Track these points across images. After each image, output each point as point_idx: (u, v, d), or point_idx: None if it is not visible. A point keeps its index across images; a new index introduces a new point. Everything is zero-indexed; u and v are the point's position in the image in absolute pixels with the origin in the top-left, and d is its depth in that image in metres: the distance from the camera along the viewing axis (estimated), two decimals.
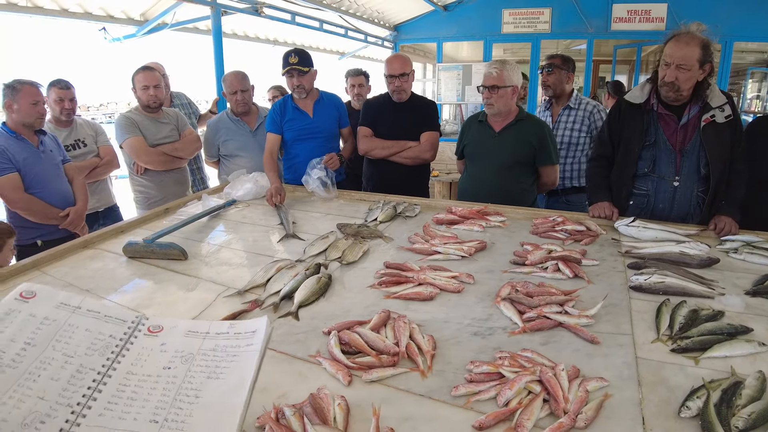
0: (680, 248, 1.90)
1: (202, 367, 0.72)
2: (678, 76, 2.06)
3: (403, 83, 2.95)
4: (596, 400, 1.07)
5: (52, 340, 0.75)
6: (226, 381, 0.70)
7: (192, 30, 5.43)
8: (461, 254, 1.89)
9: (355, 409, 1.05)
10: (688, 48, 2.04)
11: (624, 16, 6.44)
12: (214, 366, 0.73)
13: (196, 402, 0.67)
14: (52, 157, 2.81)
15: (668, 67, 2.07)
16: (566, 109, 3.28)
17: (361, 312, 1.50)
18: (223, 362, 0.73)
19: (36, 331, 0.75)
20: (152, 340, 0.79)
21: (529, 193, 2.74)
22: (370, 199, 2.80)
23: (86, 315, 0.80)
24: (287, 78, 3.01)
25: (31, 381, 0.69)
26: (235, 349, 0.75)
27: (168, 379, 0.71)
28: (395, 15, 7.63)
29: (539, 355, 1.22)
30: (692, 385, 1.13)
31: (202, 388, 0.69)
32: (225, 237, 2.30)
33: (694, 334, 1.35)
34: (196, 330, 0.80)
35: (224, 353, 0.75)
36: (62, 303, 0.80)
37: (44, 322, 0.77)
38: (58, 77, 3.03)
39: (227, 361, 0.73)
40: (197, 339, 0.78)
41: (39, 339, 0.74)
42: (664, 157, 2.23)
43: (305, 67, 2.95)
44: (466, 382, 1.14)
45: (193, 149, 3.35)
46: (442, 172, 6.40)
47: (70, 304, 0.80)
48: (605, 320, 1.43)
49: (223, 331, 0.79)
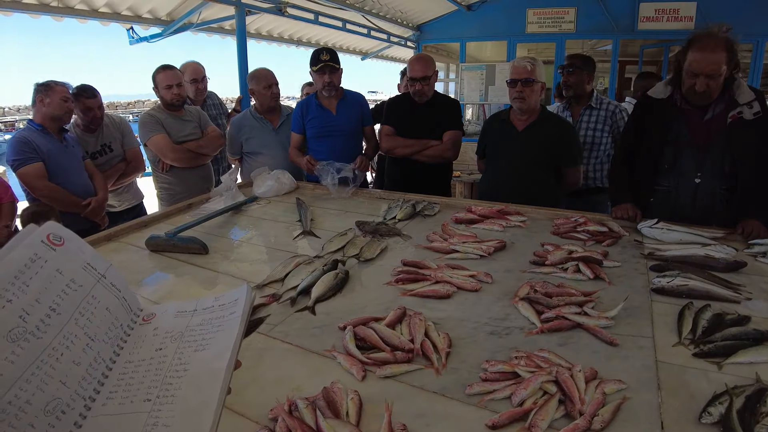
0: (705, 251, 1.85)
1: (190, 342, 0.71)
2: (709, 84, 2.01)
3: (424, 86, 2.95)
4: (613, 403, 1.04)
5: (76, 312, 0.67)
6: (211, 350, 0.68)
7: (217, 30, 5.53)
8: (480, 253, 1.88)
9: (367, 404, 1.06)
10: (715, 55, 1.98)
11: (651, 15, 6.30)
12: (201, 339, 0.71)
13: (184, 375, 0.66)
14: (74, 152, 2.92)
15: (697, 77, 2.02)
16: (587, 108, 3.23)
17: (377, 308, 1.50)
18: (209, 334, 0.71)
19: (62, 296, 0.66)
20: (146, 328, 0.76)
21: (551, 194, 2.70)
22: (390, 197, 2.80)
23: (109, 289, 0.73)
24: (318, 75, 3.05)
25: (54, 359, 0.63)
26: (219, 320, 0.73)
27: (159, 359, 0.70)
28: (418, 15, 7.62)
29: (556, 356, 1.21)
30: (714, 390, 1.09)
31: (189, 361, 0.68)
32: (245, 232, 2.33)
33: (717, 339, 1.31)
34: (184, 309, 0.77)
35: (210, 325, 0.72)
36: (88, 264, 0.71)
37: (70, 285, 0.68)
38: (83, 84, 3.07)
39: (213, 332, 0.71)
40: (185, 317, 0.76)
41: (64, 306, 0.66)
42: (686, 153, 2.18)
43: (336, 63, 3.02)
44: (481, 380, 1.13)
45: (216, 146, 3.41)
46: (464, 172, 6.37)
47: (97, 269, 0.72)
48: (625, 323, 1.40)
49: (209, 306, 0.76)
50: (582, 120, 3.22)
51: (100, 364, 0.67)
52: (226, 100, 4.60)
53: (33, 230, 0.68)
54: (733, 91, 2.10)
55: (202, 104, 3.90)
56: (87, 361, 0.66)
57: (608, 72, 7.22)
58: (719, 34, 1.99)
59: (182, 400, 0.63)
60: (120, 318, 0.74)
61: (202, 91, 3.91)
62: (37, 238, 0.67)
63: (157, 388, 0.65)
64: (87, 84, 3.09)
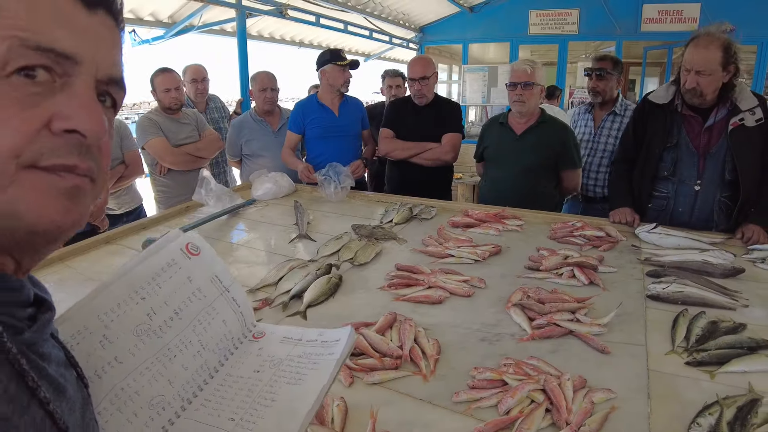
0: (703, 257, 1.83)
1: (286, 372, 0.73)
2: (699, 82, 1.99)
3: (423, 87, 2.95)
4: (601, 412, 1.03)
5: (195, 320, 0.72)
6: (301, 387, 0.70)
7: (219, 32, 5.55)
8: (474, 258, 1.87)
9: (354, 410, 1.05)
10: (708, 52, 1.97)
11: (655, 17, 6.27)
12: (296, 372, 0.73)
13: (271, 405, 0.68)
14: None
15: (689, 72, 2.00)
16: (611, 114, 3.11)
17: (370, 313, 1.50)
18: (305, 368, 0.73)
19: (187, 302, 0.71)
20: (253, 346, 0.79)
21: (551, 197, 2.69)
22: (387, 200, 2.80)
23: (230, 303, 0.78)
24: (340, 70, 3.08)
25: (167, 360, 0.68)
26: (318, 357, 0.74)
27: (254, 381, 0.72)
28: (420, 16, 7.62)
29: (546, 364, 1.20)
30: (705, 400, 1.08)
31: (279, 392, 0.70)
32: (242, 235, 2.33)
33: (711, 347, 1.29)
34: (290, 336, 0.80)
35: (308, 360, 0.74)
36: (216, 277, 0.76)
37: (196, 294, 0.73)
38: None
39: (308, 368, 0.73)
40: (289, 345, 0.78)
41: (186, 313, 0.71)
42: (685, 160, 2.16)
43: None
44: (468, 388, 1.12)
45: (214, 149, 3.41)
46: (466, 174, 6.34)
47: (222, 283, 0.77)
48: (618, 329, 1.39)
49: (313, 339, 0.78)
50: (604, 126, 3.13)
51: (204, 372, 0.72)
52: (230, 103, 4.61)
53: (176, 237, 0.73)
54: (736, 97, 2.08)
55: (205, 107, 3.91)
56: (194, 366, 0.70)
57: None
58: (717, 33, 1.97)
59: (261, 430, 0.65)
60: (233, 332, 0.78)
61: (203, 92, 3.91)
62: (177, 246, 0.72)
63: (243, 410, 0.68)
64: None
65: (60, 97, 0.41)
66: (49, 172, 0.40)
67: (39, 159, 0.40)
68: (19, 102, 0.39)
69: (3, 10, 0.37)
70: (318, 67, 3.13)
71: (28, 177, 0.39)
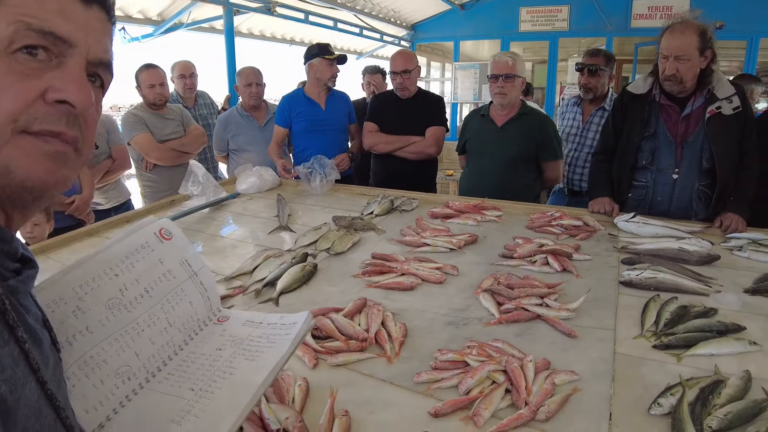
0: (679, 244, 1.84)
1: (246, 350, 0.78)
2: (678, 68, 2.00)
3: (405, 80, 2.95)
4: (562, 394, 1.03)
5: (164, 299, 0.77)
6: (257, 362, 0.75)
7: (208, 30, 5.54)
8: (450, 246, 1.87)
9: (315, 390, 1.05)
10: (684, 37, 1.98)
11: (644, 13, 6.28)
12: (254, 350, 0.78)
13: (229, 378, 0.73)
14: None
15: (666, 60, 2.01)
16: (600, 110, 3.09)
17: (342, 299, 1.49)
18: (263, 347, 0.78)
19: (157, 282, 0.77)
20: (217, 328, 0.84)
21: (531, 189, 2.70)
22: (370, 193, 2.79)
23: (198, 286, 0.82)
24: (327, 64, 3.08)
25: (135, 333, 0.72)
26: (276, 337, 0.80)
27: (215, 358, 0.77)
28: (412, 14, 7.62)
29: (510, 346, 1.19)
30: (669, 382, 1.08)
31: (237, 367, 0.75)
32: (224, 227, 2.33)
33: (679, 331, 1.29)
34: (253, 320, 0.86)
35: (267, 340, 0.80)
36: (186, 261, 0.81)
37: (166, 275, 0.78)
38: None
39: (266, 346, 0.78)
40: (251, 327, 0.84)
41: (156, 291, 0.76)
42: (663, 149, 2.17)
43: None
44: (431, 369, 1.12)
45: (199, 144, 3.41)
46: (457, 171, 6.34)
47: (192, 267, 0.82)
48: (588, 314, 1.39)
49: (274, 322, 0.84)
50: (592, 121, 3.12)
51: (170, 348, 0.77)
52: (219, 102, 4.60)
53: (151, 222, 0.80)
54: (713, 85, 2.08)
55: (194, 103, 3.91)
56: (161, 342, 0.76)
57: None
58: (691, 20, 1.98)
59: (217, 400, 0.70)
60: (199, 313, 0.83)
61: (191, 88, 3.90)
62: (151, 230, 0.79)
63: (203, 381, 0.73)
64: None
65: (55, 72, 0.48)
66: (37, 137, 0.47)
67: (31, 124, 0.47)
68: (21, 74, 0.46)
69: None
70: (306, 60, 3.14)
71: (20, 140, 0.47)
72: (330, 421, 0.94)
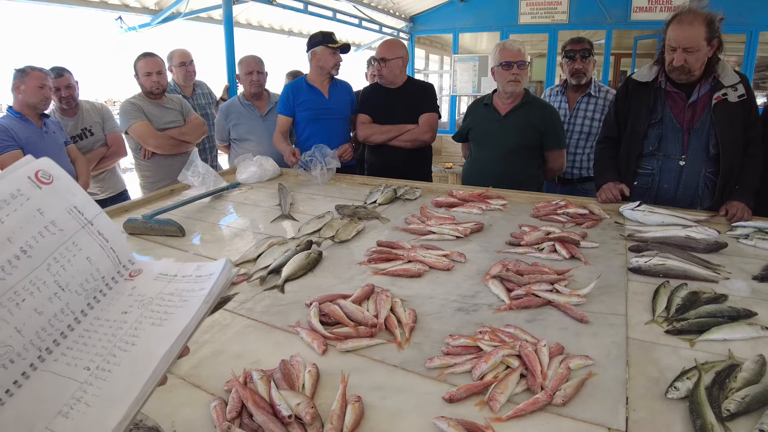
0: (686, 232, 1.83)
1: (153, 312, 0.66)
2: (687, 59, 1.98)
3: (382, 68, 2.94)
4: (578, 378, 1.02)
5: (50, 257, 0.63)
6: (164, 328, 0.63)
7: (206, 19, 5.47)
8: (456, 234, 1.85)
9: (326, 377, 1.03)
10: (692, 28, 1.95)
11: (644, 5, 6.25)
12: (163, 311, 0.66)
13: (130, 350, 0.61)
14: (54, 138, 2.88)
15: (674, 51, 1.99)
16: (586, 96, 3.12)
17: (348, 287, 1.47)
18: (173, 307, 0.66)
19: (38, 237, 0.62)
20: (127, 284, 0.70)
21: (535, 178, 2.68)
22: (373, 183, 2.77)
23: (95, 237, 0.68)
24: (328, 54, 3.04)
25: (14, 304, 0.59)
26: (188, 294, 0.67)
27: (119, 324, 0.65)
28: (411, 6, 7.56)
29: (522, 331, 1.18)
30: (684, 366, 1.07)
31: (142, 335, 0.63)
32: (225, 217, 2.30)
33: (691, 316, 1.28)
34: (166, 272, 0.72)
35: (178, 298, 0.67)
36: (75, 208, 0.66)
37: (49, 228, 0.63)
38: (53, 65, 3.02)
39: (176, 306, 0.66)
40: (163, 282, 0.71)
41: (37, 249, 0.62)
42: (670, 136, 2.15)
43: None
44: (443, 354, 1.10)
45: (199, 133, 3.37)
46: (456, 164, 6.33)
47: (84, 215, 0.67)
48: (599, 300, 1.37)
49: (188, 274, 0.71)
50: (579, 108, 3.13)
51: (67, 316, 0.63)
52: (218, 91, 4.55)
53: (25, 163, 0.64)
54: (718, 73, 2.07)
55: (192, 92, 3.86)
56: (51, 311, 0.62)
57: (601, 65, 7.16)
58: (698, 9, 1.96)
59: (114, 380, 0.59)
60: (102, 270, 0.68)
61: (192, 75, 3.86)
62: (24, 173, 0.63)
63: (101, 357, 0.61)
64: (59, 65, 3.06)
65: None
66: None
67: None
68: None
69: None
70: (308, 48, 3.10)
71: None
72: (342, 407, 0.92)
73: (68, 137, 3.01)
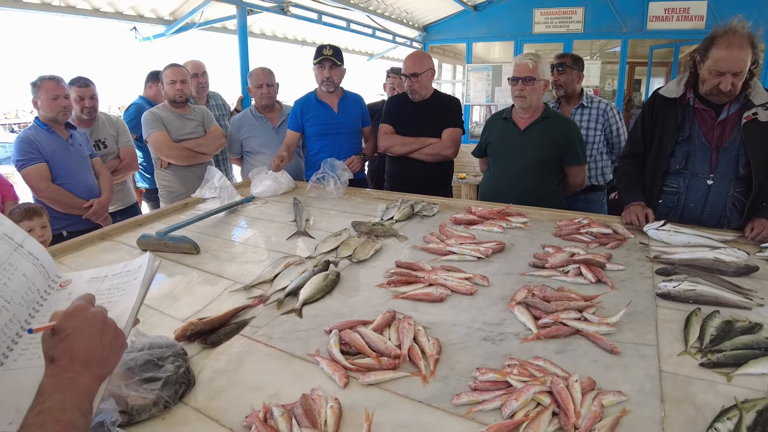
0: (714, 254, 1.77)
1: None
2: (734, 82, 1.92)
3: (415, 83, 2.90)
4: (612, 417, 0.97)
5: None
6: (113, 312, 0.74)
7: (220, 29, 5.51)
8: (477, 255, 1.80)
9: (348, 412, 0.99)
10: (742, 53, 1.89)
11: (661, 15, 6.19)
12: (107, 302, 0.77)
13: None
14: (80, 151, 2.89)
15: (722, 75, 1.92)
16: (579, 108, 3.19)
17: (368, 311, 1.44)
18: (114, 297, 0.79)
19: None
20: (62, 293, 0.83)
21: (555, 194, 2.62)
22: (388, 197, 2.74)
23: (26, 257, 0.79)
24: (318, 69, 3.07)
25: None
26: (125, 285, 0.81)
27: None
28: (424, 15, 7.57)
29: (552, 364, 1.13)
30: (723, 404, 1.01)
31: None
32: (240, 232, 2.28)
33: (726, 348, 1.23)
34: (97, 276, 0.85)
35: (116, 290, 0.81)
36: (6, 235, 0.78)
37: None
38: (79, 75, 3.08)
39: (117, 296, 0.79)
40: (97, 283, 0.84)
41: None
42: (698, 154, 2.09)
43: (338, 60, 3.07)
44: (470, 390, 1.06)
45: (217, 145, 3.37)
46: (470, 174, 6.28)
47: (14, 239, 0.78)
48: (628, 329, 1.32)
49: (118, 272, 0.85)
50: (573, 119, 3.14)
51: (15, 325, 0.74)
52: (232, 103, 4.57)
53: None
54: (749, 91, 2.01)
55: (205, 104, 3.89)
56: (2, 321, 0.72)
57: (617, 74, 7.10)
58: (742, 30, 1.90)
59: None
60: (37, 283, 0.80)
61: (204, 86, 3.89)
62: None
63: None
64: (84, 76, 3.09)
65: None
66: None
67: None
68: None
69: None
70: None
71: None
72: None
73: (93, 149, 3.03)
